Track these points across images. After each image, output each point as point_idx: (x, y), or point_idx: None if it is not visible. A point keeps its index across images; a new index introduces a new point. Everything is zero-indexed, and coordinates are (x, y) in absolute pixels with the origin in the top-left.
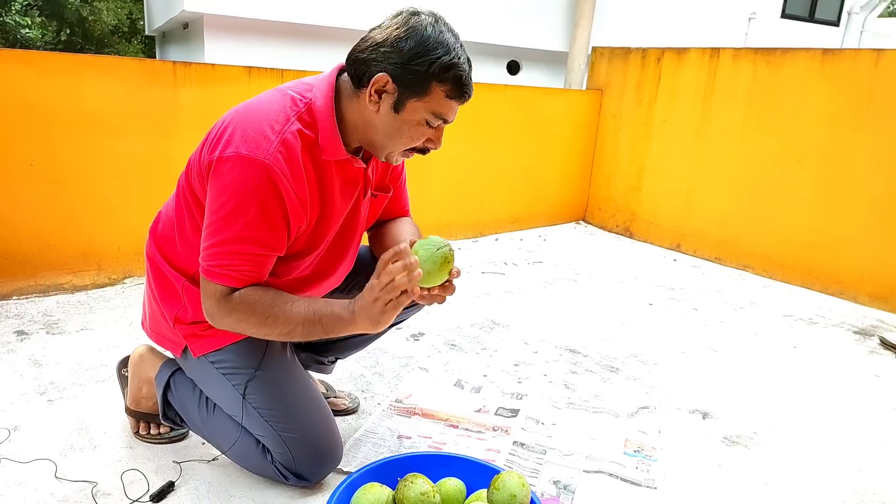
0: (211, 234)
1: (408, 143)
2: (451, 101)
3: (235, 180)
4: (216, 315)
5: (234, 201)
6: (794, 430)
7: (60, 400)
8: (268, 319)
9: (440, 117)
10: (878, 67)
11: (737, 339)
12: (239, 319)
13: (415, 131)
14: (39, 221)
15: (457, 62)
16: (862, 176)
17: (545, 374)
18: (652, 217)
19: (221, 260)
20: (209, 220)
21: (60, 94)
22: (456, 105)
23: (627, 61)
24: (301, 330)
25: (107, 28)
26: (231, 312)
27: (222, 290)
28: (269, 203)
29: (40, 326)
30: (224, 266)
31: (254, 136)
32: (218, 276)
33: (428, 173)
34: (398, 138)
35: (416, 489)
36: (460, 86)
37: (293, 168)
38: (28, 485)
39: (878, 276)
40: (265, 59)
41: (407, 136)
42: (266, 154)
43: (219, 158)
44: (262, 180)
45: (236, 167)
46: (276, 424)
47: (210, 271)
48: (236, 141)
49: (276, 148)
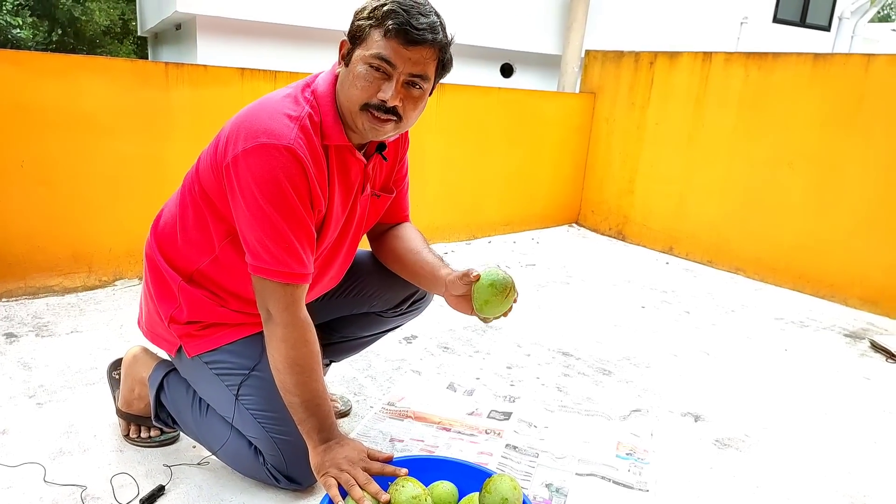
0: (253, 230)
1: (357, 94)
2: (390, 41)
3: (264, 168)
4: (282, 321)
5: (267, 188)
6: (785, 432)
7: (50, 403)
8: (293, 367)
9: (381, 58)
10: (868, 72)
11: (729, 341)
12: (280, 341)
13: (360, 79)
14: (29, 223)
15: (397, 4)
16: (852, 179)
17: (538, 377)
18: (644, 220)
19: (273, 255)
20: (246, 216)
21: (51, 95)
22: (399, 47)
23: (620, 65)
24: (293, 399)
25: (99, 28)
26: (294, 327)
27: (295, 294)
28: (300, 183)
29: (30, 329)
30: (277, 262)
31: (273, 126)
32: (274, 273)
33: (422, 176)
34: (349, 91)
35: (408, 493)
36: (398, 23)
37: (314, 154)
38: (16, 489)
39: (868, 280)
40: (258, 60)
41: (354, 86)
42: (289, 140)
43: (243, 152)
44: (289, 162)
45: (261, 156)
46: (269, 426)
47: (264, 270)
48: (256, 133)
49: (297, 135)
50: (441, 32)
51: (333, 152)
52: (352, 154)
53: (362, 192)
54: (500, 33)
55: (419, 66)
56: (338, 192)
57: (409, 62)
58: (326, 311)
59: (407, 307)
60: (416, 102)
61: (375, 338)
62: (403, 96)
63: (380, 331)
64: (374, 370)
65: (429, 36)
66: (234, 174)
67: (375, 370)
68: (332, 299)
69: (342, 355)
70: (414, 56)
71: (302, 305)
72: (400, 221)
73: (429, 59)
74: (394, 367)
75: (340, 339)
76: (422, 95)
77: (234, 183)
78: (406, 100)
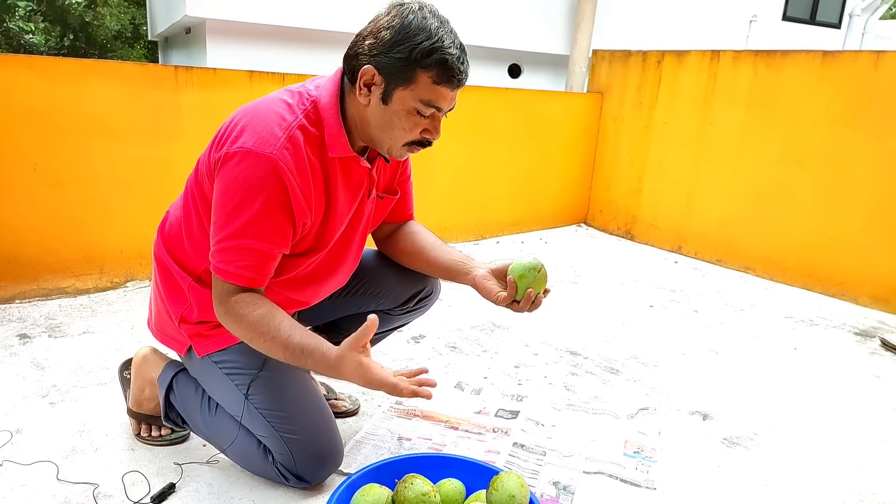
0: (218, 229)
1: (402, 134)
2: (439, 86)
3: (242, 174)
4: (218, 313)
5: (239, 195)
6: (794, 431)
7: (62, 403)
8: (254, 336)
9: (430, 105)
10: (877, 69)
11: (737, 340)
12: (230, 324)
13: (406, 122)
14: (42, 225)
15: (440, 45)
16: (862, 177)
17: (545, 376)
18: (653, 219)
19: (227, 256)
20: (216, 214)
21: (63, 99)
22: (446, 91)
23: (628, 64)
24: (284, 355)
25: (110, 33)
26: (226, 314)
27: (227, 289)
28: (274, 197)
29: (42, 330)
30: (230, 262)
31: (262, 132)
32: (224, 273)
33: (429, 176)
34: (391, 130)
35: (416, 490)
36: (446, 69)
37: (299, 164)
38: (30, 486)
39: (878, 278)
40: (267, 63)
41: (399, 127)
42: (273, 149)
43: (226, 154)
44: (267, 173)
45: (243, 161)
46: (278, 425)
47: (217, 268)
48: (244, 137)
49: (282, 144)
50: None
51: (338, 163)
52: (356, 162)
53: (369, 195)
54: (507, 34)
55: (455, 101)
56: (342, 198)
57: (451, 101)
58: (333, 309)
59: (414, 304)
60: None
61: (382, 336)
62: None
63: (387, 329)
64: None
65: (467, 77)
66: (219, 171)
67: None
68: (339, 298)
69: None
70: (455, 95)
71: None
72: (406, 220)
73: None
74: (402, 367)
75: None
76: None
77: (217, 178)
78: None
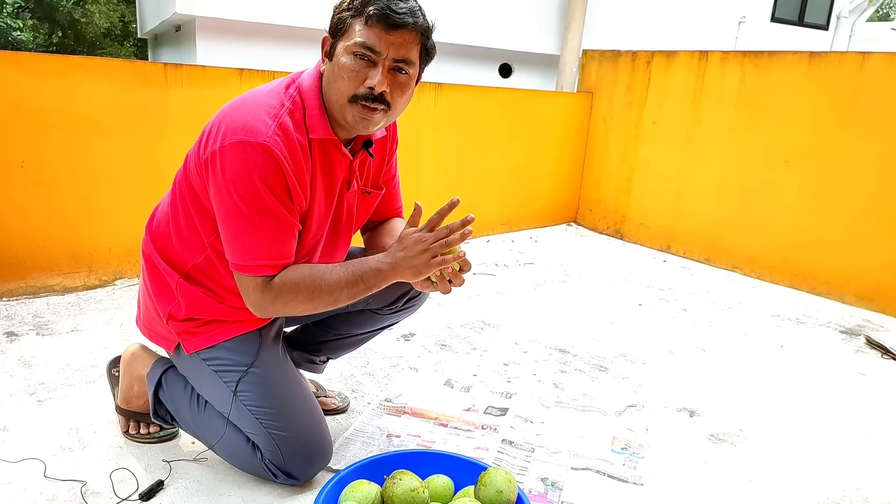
0: (228, 227)
1: (345, 86)
2: (371, 28)
3: (239, 166)
4: (264, 304)
5: (241, 186)
6: (779, 427)
7: (50, 400)
8: (313, 293)
9: (364, 46)
10: (863, 70)
11: (725, 338)
12: (287, 302)
13: (346, 71)
14: (30, 223)
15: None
16: (848, 177)
17: (534, 374)
18: (642, 219)
19: (248, 251)
20: (222, 212)
21: (51, 96)
22: (380, 32)
23: (618, 64)
24: (346, 293)
25: (99, 31)
26: (277, 298)
27: (261, 281)
28: (274, 180)
29: (30, 328)
30: (252, 257)
31: (251, 123)
32: (251, 269)
33: (420, 175)
34: (337, 84)
35: (405, 486)
36: (378, 10)
37: (291, 150)
38: (17, 484)
39: (864, 277)
40: (257, 60)
41: (341, 78)
42: (265, 137)
43: (220, 148)
44: (264, 159)
45: (237, 153)
46: (267, 422)
47: (241, 266)
48: (234, 130)
49: (274, 132)
50: (421, 16)
51: (317, 146)
52: (337, 149)
53: (348, 188)
54: (498, 34)
55: (403, 51)
56: (320, 187)
57: (393, 47)
58: None
59: (402, 304)
60: (403, 89)
61: (371, 335)
62: (390, 82)
63: (375, 328)
64: (371, 367)
65: (409, 20)
66: (212, 170)
67: (373, 367)
68: None
69: (339, 352)
70: (397, 40)
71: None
72: (392, 217)
73: (411, 43)
74: (391, 364)
75: (336, 336)
76: (408, 81)
77: (211, 178)
78: (393, 86)
